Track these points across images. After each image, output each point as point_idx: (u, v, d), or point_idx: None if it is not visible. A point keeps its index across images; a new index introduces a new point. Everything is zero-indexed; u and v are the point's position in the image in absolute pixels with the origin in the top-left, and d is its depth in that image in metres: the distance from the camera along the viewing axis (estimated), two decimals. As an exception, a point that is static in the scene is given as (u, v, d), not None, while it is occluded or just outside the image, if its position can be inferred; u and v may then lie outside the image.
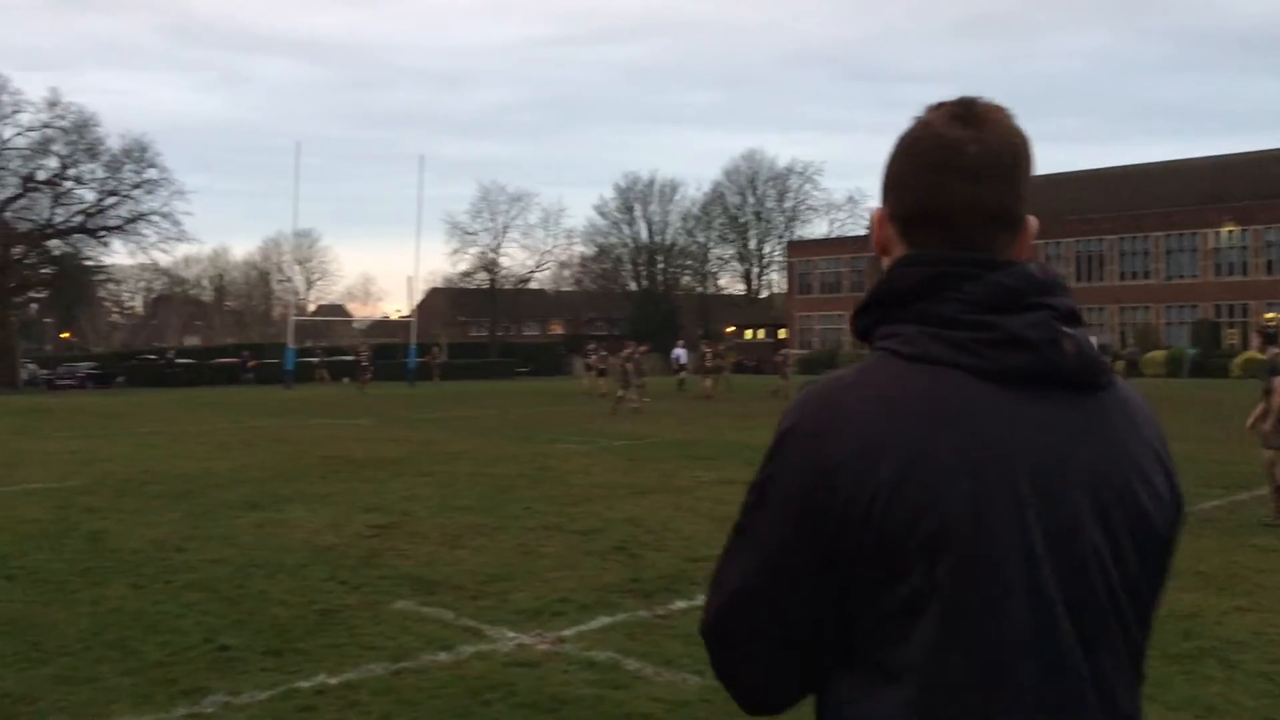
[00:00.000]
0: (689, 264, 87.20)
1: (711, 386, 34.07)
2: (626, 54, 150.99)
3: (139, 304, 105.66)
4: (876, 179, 1.47)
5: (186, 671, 5.68)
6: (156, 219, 57.87)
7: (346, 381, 48.34)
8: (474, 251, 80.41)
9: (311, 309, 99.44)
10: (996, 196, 1.37)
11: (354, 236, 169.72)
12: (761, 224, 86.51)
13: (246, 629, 6.49)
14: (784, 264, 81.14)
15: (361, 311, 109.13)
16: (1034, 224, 1.42)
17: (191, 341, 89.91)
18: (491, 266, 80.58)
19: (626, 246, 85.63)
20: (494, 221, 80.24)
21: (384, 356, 54.47)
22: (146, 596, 7.35)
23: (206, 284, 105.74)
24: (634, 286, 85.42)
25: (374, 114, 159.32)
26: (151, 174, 57.70)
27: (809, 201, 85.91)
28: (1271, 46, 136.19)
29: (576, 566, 8.26)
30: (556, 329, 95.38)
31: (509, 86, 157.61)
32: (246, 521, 10.43)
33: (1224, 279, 60.37)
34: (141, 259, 63.64)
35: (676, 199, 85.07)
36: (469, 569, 8.18)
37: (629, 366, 27.66)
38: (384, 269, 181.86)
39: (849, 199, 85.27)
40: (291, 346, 52.49)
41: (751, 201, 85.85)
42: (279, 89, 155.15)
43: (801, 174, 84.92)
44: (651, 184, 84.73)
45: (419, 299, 73.67)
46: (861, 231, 73.60)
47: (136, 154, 57.25)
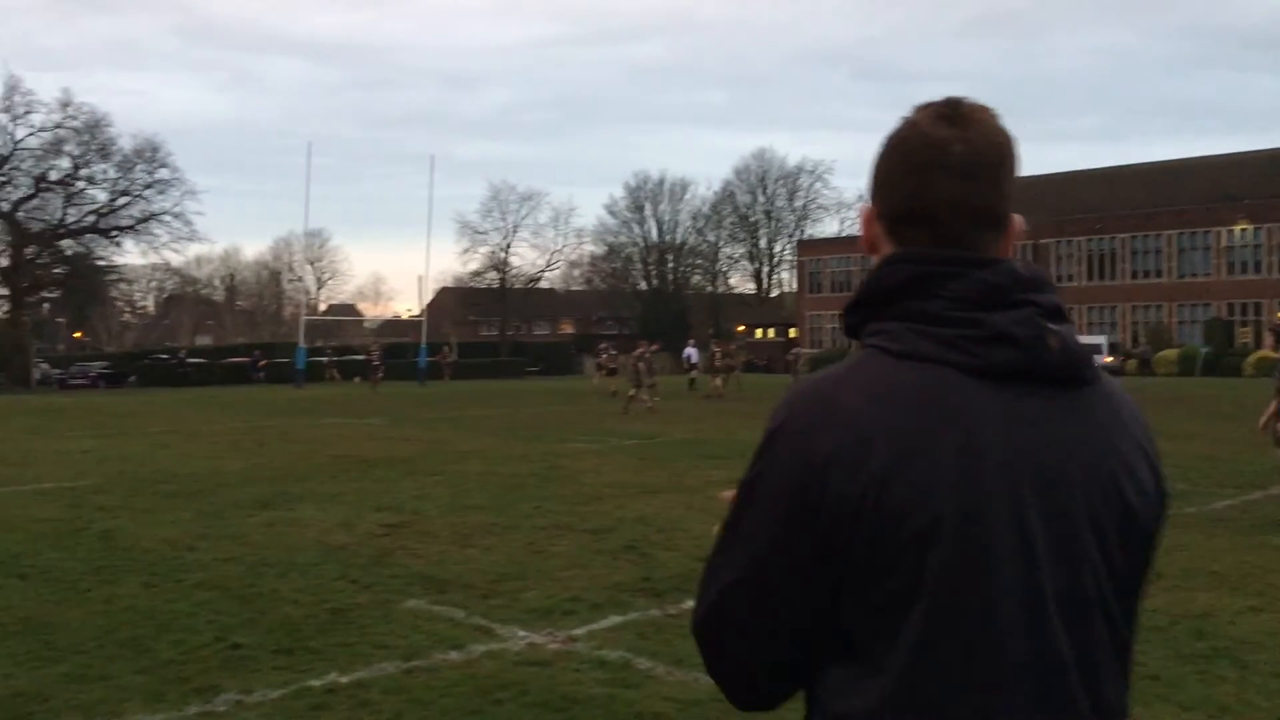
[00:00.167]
0: (699, 263, 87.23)
1: (722, 385, 34.06)
2: (636, 53, 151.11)
3: (151, 304, 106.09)
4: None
5: (199, 670, 5.70)
6: (168, 219, 58.12)
7: (358, 380, 48.43)
8: (484, 251, 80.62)
9: (322, 308, 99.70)
10: (982, 195, 1.39)
11: (365, 236, 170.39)
12: (772, 223, 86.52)
13: (258, 628, 6.50)
14: (794, 263, 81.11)
15: (372, 311, 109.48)
16: (1019, 222, 1.44)
17: (203, 341, 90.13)
18: (502, 266, 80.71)
19: (636, 246, 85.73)
20: (504, 221, 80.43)
21: (394, 356, 54.54)
22: (159, 595, 7.37)
23: (218, 284, 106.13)
24: (644, 286, 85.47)
25: (384, 114, 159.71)
26: (163, 174, 57.95)
27: (819, 200, 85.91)
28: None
29: (587, 566, 8.27)
30: (567, 328, 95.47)
31: (519, 86, 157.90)
32: (258, 520, 10.45)
33: (1237, 277, 60.12)
34: (153, 259, 64.03)
35: (687, 198, 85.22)
36: (480, 568, 8.19)
37: (641, 366, 27.64)
38: (394, 268, 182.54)
39: (859, 198, 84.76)
40: (303, 346, 52.60)
41: (762, 200, 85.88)
42: (290, 89, 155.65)
43: (812, 173, 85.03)
44: (661, 183, 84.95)
45: (429, 298, 73.91)
46: (872, 230, 73.35)
47: (148, 154, 57.48)
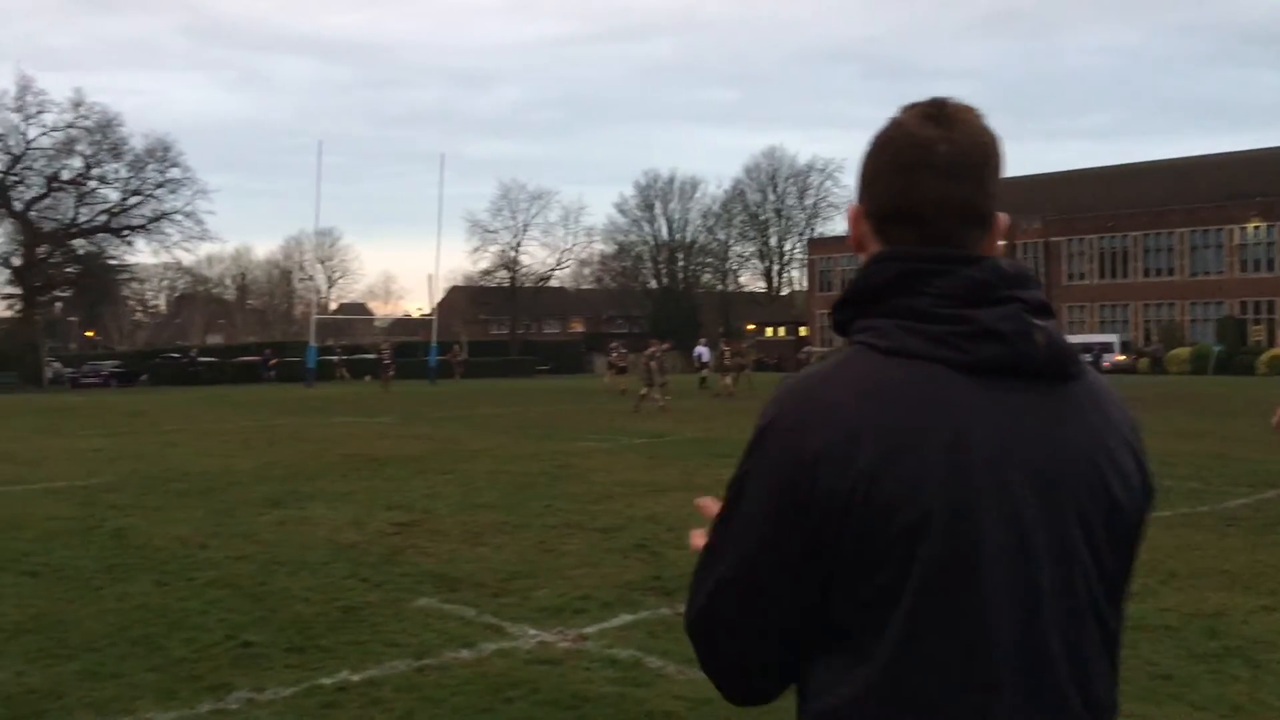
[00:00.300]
0: (709, 262, 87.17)
1: (732, 384, 34.04)
2: (646, 52, 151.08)
3: (162, 302, 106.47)
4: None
5: (211, 668, 5.71)
6: (179, 218, 58.50)
7: (368, 379, 48.54)
8: (494, 250, 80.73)
9: (333, 307, 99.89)
10: (967, 194, 1.40)
11: (375, 235, 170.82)
12: (782, 221, 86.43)
13: (269, 626, 6.52)
14: (805, 261, 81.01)
15: (383, 310, 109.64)
16: (1004, 221, 1.45)
17: (214, 340, 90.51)
18: (512, 265, 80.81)
19: (647, 244, 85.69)
20: (514, 220, 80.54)
21: (405, 354, 54.67)
22: (171, 593, 7.40)
23: (229, 283, 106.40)
24: (654, 284, 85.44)
25: (395, 113, 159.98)
26: (174, 173, 58.31)
27: (830, 199, 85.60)
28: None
29: (598, 564, 8.27)
30: (577, 327, 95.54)
31: (529, 85, 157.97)
32: (269, 519, 10.48)
33: (1249, 275, 59.87)
34: (165, 258, 64.42)
35: (697, 196, 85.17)
36: (490, 566, 8.20)
37: (653, 365, 27.61)
38: (405, 267, 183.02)
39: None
40: (313, 345, 52.70)
41: (772, 199, 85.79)
42: (300, 88, 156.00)
43: (822, 171, 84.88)
44: (672, 181, 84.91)
45: (440, 297, 74.05)
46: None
47: (159, 153, 57.84)
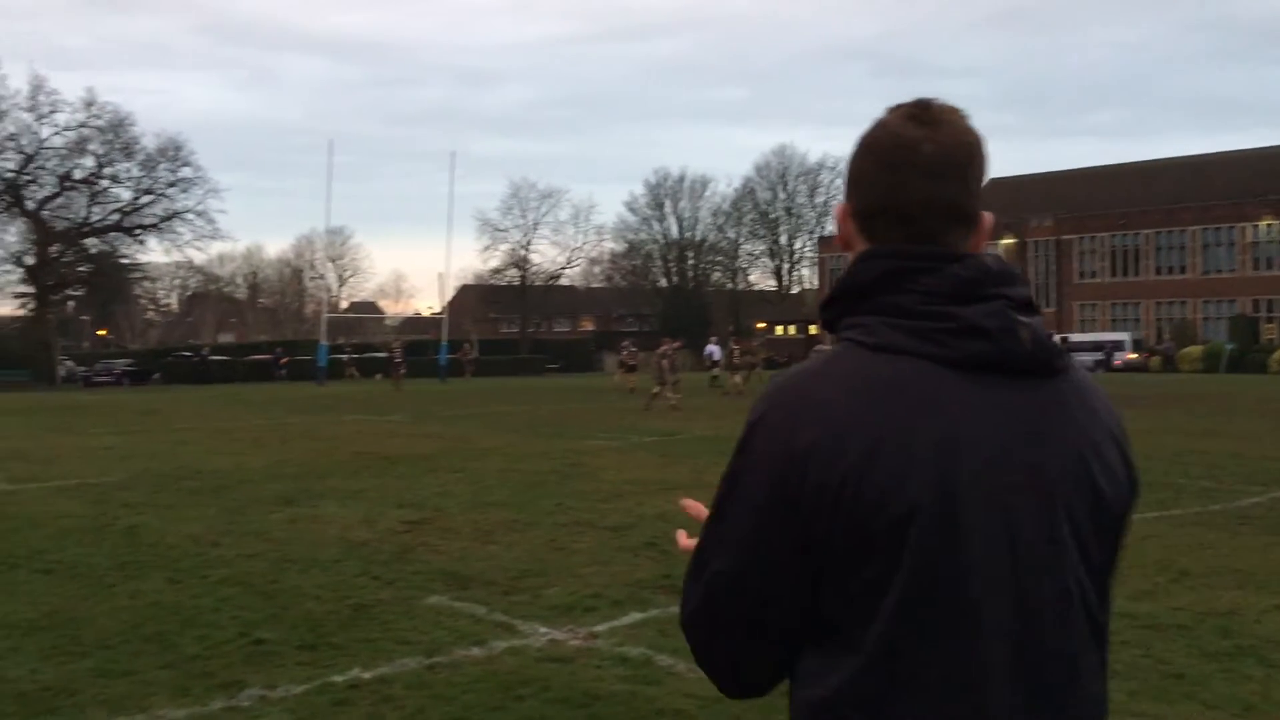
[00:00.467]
0: (719, 260, 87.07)
1: (743, 383, 34.00)
2: (656, 50, 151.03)
3: (174, 301, 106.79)
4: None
5: (223, 665, 5.73)
6: (191, 217, 58.64)
7: (379, 378, 48.59)
8: (505, 248, 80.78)
9: (344, 306, 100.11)
10: (951, 193, 1.42)
11: (386, 234, 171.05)
12: (792, 219, 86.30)
13: (281, 623, 6.54)
14: (815, 260, 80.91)
15: (393, 308, 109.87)
16: (989, 219, 1.47)
17: (226, 338, 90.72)
18: (522, 263, 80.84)
19: (657, 243, 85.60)
20: (524, 218, 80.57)
21: (415, 353, 54.71)
22: (183, 591, 7.42)
23: (240, 281, 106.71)
24: (664, 283, 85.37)
25: (405, 112, 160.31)
26: (186, 172, 58.46)
27: (840, 197, 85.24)
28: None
29: (608, 562, 8.27)
30: (587, 325, 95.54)
31: (539, 83, 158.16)
32: (281, 517, 10.51)
33: (1262, 273, 59.59)
34: (176, 257, 64.59)
35: (707, 195, 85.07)
36: (501, 564, 8.21)
37: (664, 364, 27.59)
38: (415, 266, 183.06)
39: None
40: (324, 343, 52.78)
41: (782, 197, 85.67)
42: (311, 88, 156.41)
43: (833, 169, 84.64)
44: (682, 180, 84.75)
45: (450, 296, 73.99)
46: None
47: (171, 153, 57.98)
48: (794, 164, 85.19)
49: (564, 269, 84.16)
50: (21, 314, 58.81)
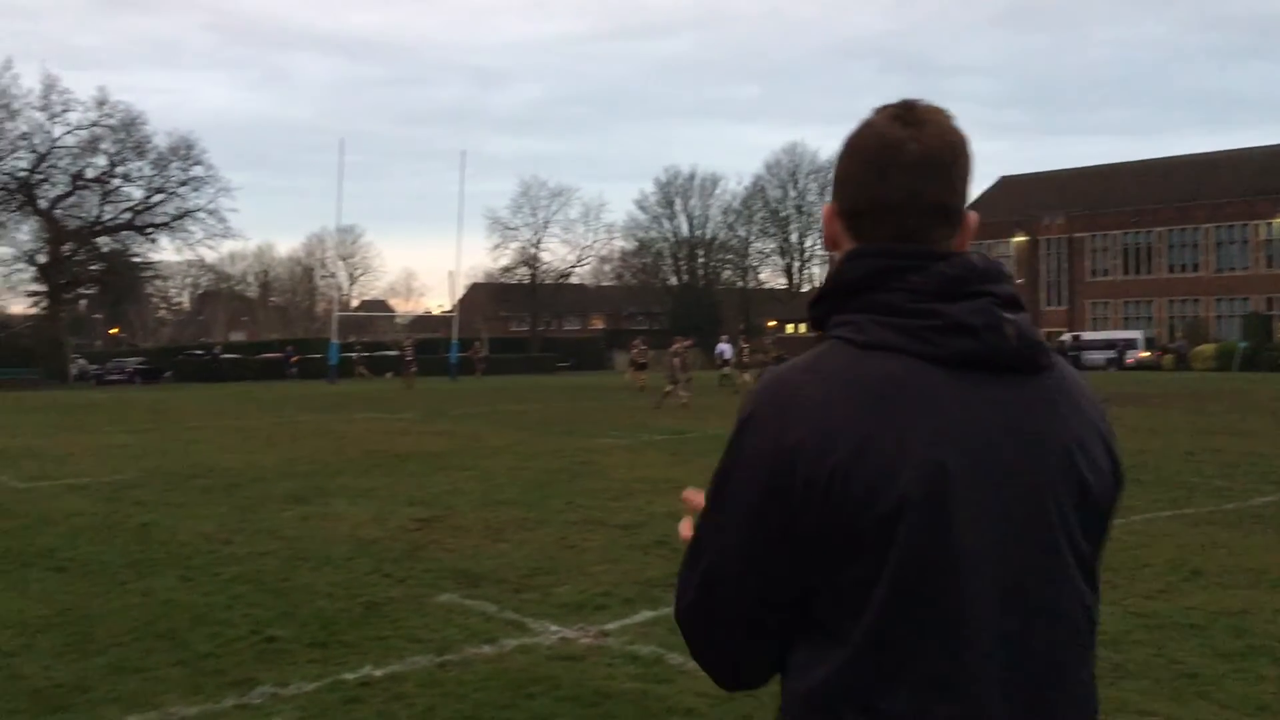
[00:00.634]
0: (729, 258, 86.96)
1: (753, 381, 33.84)
2: (666, 49, 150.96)
3: (186, 300, 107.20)
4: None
5: (235, 662, 5.75)
6: (203, 216, 58.89)
7: (389, 376, 48.66)
8: (515, 247, 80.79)
9: (355, 304, 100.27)
10: (936, 192, 1.44)
11: (396, 232, 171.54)
12: (803, 218, 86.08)
13: (293, 621, 6.55)
14: (826, 258, 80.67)
15: (404, 307, 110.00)
16: (974, 219, 1.49)
17: (237, 337, 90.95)
18: (532, 261, 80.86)
19: (667, 241, 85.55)
20: (535, 217, 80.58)
21: (426, 351, 54.83)
22: (195, 588, 7.45)
23: (252, 280, 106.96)
24: (674, 281, 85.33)
25: (416, 111, 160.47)
26: (198, 171, 58.68)
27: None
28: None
29: (619, 560, 8.27)
30: (597, 324, 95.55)
31: (549, 82, 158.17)
32: (292, 515, 10.53)
33: (1275, 271, 59.34)
34: (188, 255, 64.96)
35: (717, 193, 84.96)
36: (512, 563, 8.21)
37: (676, 362, 27.59)
38: (426, 264, 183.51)
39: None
40: (335, 342, 52.88)
41: (793, 195, 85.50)
42: (322, 87, 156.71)
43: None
44: (692, 178, 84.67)
45: (461, 294, 74.15)
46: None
47: (183, 152, 58.21)
48: (804, 162, 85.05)
49: (574, 267, 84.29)
50: (34, 312, 59.10)
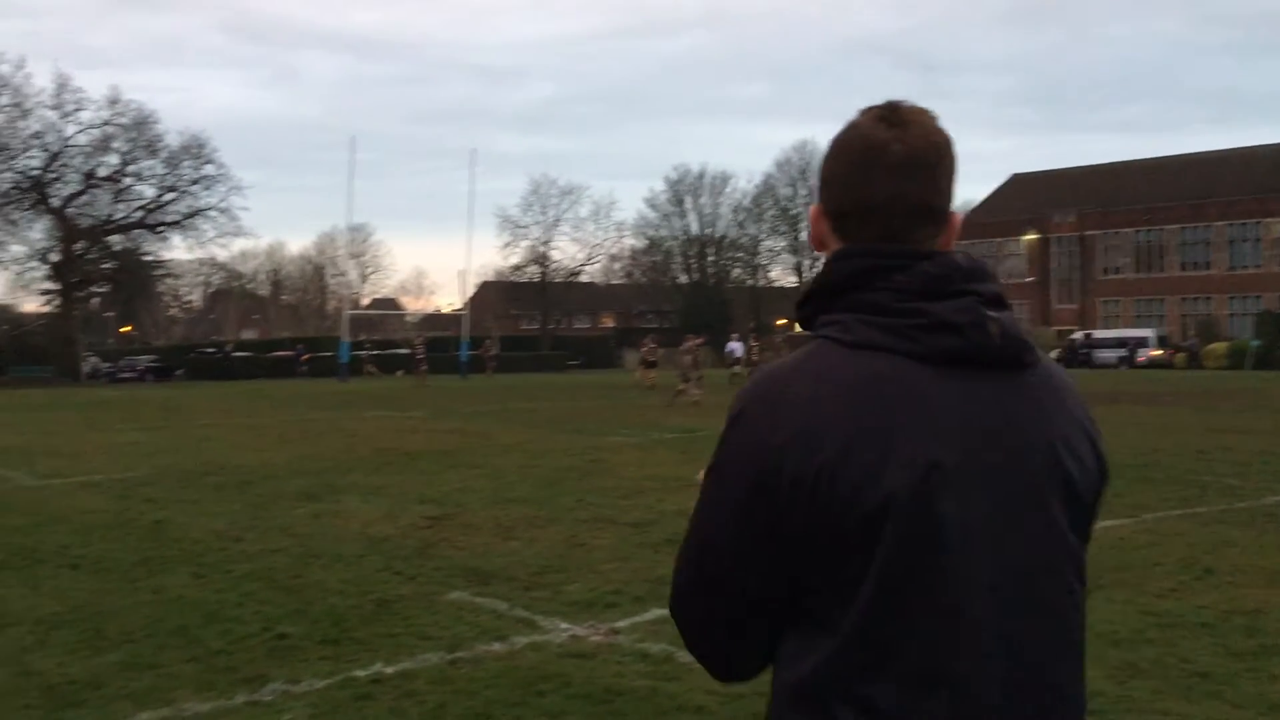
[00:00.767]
0: (740, 256, 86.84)
1: (762, 379, 33.94)
2: (677, 47, 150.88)
3: (197, 298, 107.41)
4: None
5: (246, 659, 5.77)
6: (214, 214, 59.02)
7: (399, 374, 48.72)
8: (525, 245, 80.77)
9: (365, 303, 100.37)
10: (920, 192, 1.46)
11: (407, 231, 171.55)
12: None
13: (304, 618, 6.57)
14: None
15: (414, 305, 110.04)
16: (958, 219, 1.51)
17: (249, 335, 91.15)
18: (542, 260, 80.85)
19: (677, 239, 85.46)
20: (545, 215, 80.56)
21: (436, 350, 54.91)
22: (207, 585, 7.47)
23: (263, 278, 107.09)
24: (684, 279, 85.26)
25: (426, 109, 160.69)
26: (209, 170, 58.83)
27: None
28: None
29: (629, 558, 8.28)
30: (607, 322, 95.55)
31: (559, 80, 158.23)
32: (304, 512, 10.56)
33: (1288, 269, 59.00)
34: (200, 254, 65.14)
35: (727, 191, 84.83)
36: (522, 560, 8.22)
37: (687, 360, 27.58)
38: (436, 263, 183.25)
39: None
40: (346, 340, 52.96)
41: (803, 193, 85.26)
42: (333, 85, 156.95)
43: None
44: (702, 176, 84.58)
45: (471, 292, 74.22)
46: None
47: (194, 150, 58.35)
48: (814, 160, 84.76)
49: (584, 265, 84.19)
50: (46, 310, 59.32)
